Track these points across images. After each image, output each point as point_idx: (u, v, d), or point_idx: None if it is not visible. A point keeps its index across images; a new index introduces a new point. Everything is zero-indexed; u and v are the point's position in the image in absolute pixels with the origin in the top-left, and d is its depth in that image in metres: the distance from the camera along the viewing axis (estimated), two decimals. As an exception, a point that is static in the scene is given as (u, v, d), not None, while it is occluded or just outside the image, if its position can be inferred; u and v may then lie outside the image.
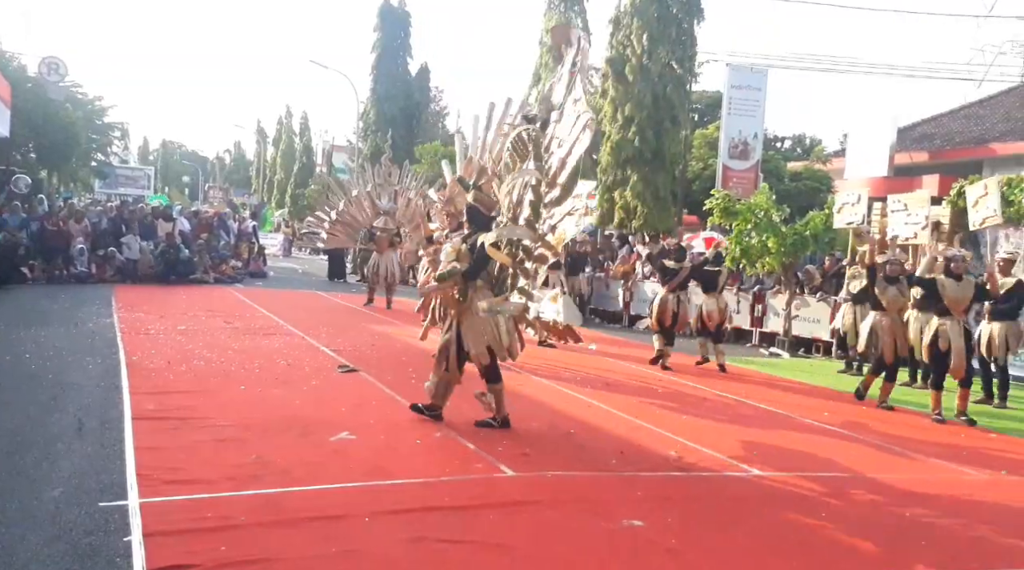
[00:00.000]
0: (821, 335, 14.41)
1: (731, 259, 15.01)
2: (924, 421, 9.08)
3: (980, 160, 20.91)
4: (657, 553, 4.43)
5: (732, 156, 22.94)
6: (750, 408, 9.07)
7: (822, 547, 4.75)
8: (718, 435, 7.42)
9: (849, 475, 6.41)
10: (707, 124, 29.00)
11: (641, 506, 5.18)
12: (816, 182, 24.70)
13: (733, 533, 4.89)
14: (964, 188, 12.82)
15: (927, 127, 25.04)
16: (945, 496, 6.03)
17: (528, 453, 6.23)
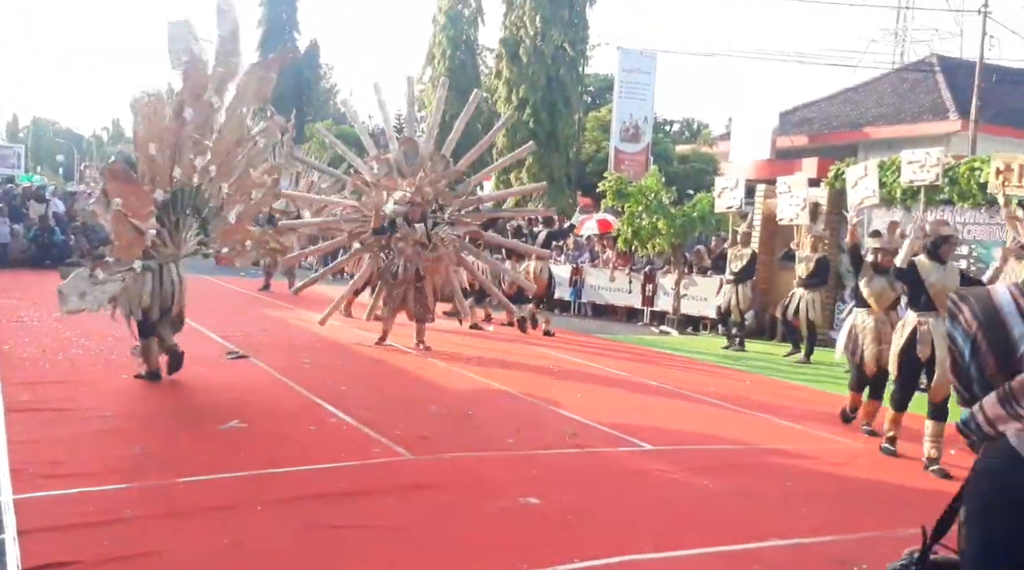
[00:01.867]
0: (708, 313, 14.90)
1: (623, 240, 15.34)
2: (805, 392, 9.53)
3: (855, 143, 21.97)
4: (553, 529, 4.49)
5: (624, 139, 23.37)
6: (642, 385, 9.30)
7: (713, 517, 4.92)
8: (612, 412, 7.57)
9: (736, 447, 6.66)
10: (599, 107, 29.43)
11: (537, 484, 5.24)
12: (703, 165, 25.47)
13: (625, 505, 5.01)
14: (843, 170, 13.45)
15: (807, 111, 26.10)
16: (825, 464, 6.34)
17: (426, 436, 6.20)
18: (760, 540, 4.50)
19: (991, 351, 1.45)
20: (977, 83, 19.87)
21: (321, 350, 9.95)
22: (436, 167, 11.02)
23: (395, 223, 10.35)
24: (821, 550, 4.47)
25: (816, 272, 11.98)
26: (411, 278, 10.31)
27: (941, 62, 24.56)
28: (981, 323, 1.47)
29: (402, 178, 10.96)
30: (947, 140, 20.10)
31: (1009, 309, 1.45)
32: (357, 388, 7.84)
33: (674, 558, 4.20)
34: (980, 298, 1.49)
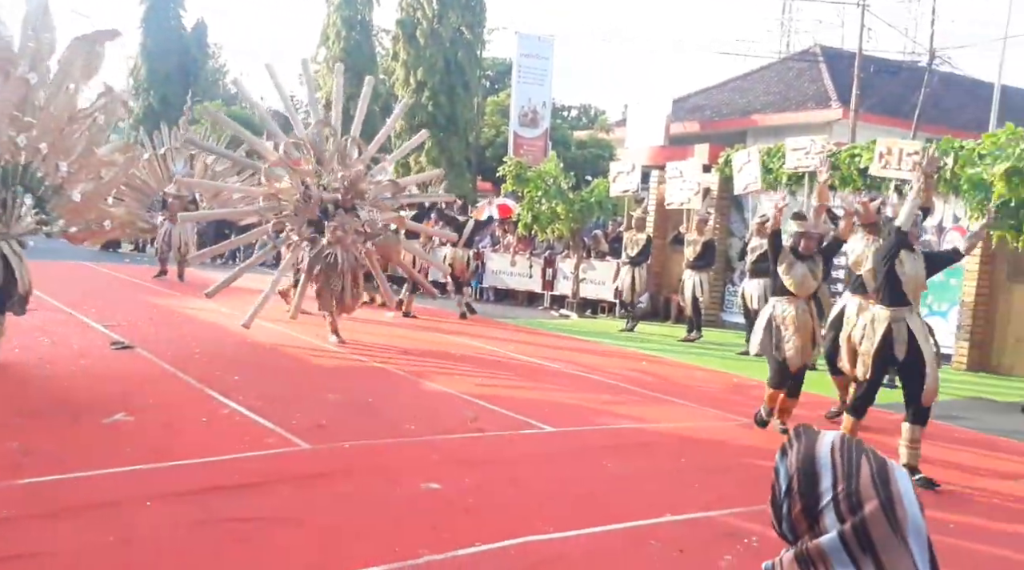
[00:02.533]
0: (607, 296, 15.16)
1: (524, 225, 15.43)
2: (697, 372, 9.82)
3: (744, 130, 22.69)
4: (454, 513, 4.48)
5: (523, 124, 23.44)
6: (543, 368, 9.39)
7: (611, 496, 5.01)
8: (513, 395, 7.62)
9: (634, 426, 6.80)
10: (498, 91, 29.44)
11: (439, 469, 5.22)
12: (600, 150, 25.84)
13: (527, 487, 5.05)
14: (731, 156, 13.89)
15: (699, 99, 26.78)
16: (718, 441, 6.54)
17: (324, 424, 6.08)
18: (656, 516, 4.61)
19: (800, 497, 1.51)
20: (857, 73, 20.79)
21: (212, 339, 9.63)
22: (351, 152, 10.52)
23: (327, 211, 9.85)
24: (714, 524, 4.62)
25: (703, 254, 12.34)
26: (349, 268, 9.79)
27: (824, 52, 25.57)
28: (799, 469, 1.53)
29: (319, 163, 10.36)
30: (830, 128, 20.98)
31: (824, 461, 1.51)
32: (251, 377, 7.62)
33: (573, 537, 4.25)
34: (808, 442, 1.55)
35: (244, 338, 9.80)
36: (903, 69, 24.05)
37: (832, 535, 1.45)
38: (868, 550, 1.42)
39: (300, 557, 3.82)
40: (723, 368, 10.19)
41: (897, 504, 1.43)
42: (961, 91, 24.98)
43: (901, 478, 1.47)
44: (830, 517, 1.46)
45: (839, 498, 1.45)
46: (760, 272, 11.34)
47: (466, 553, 3.92)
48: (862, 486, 1.44)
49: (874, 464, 1.47)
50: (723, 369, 10.12)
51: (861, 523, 1.42)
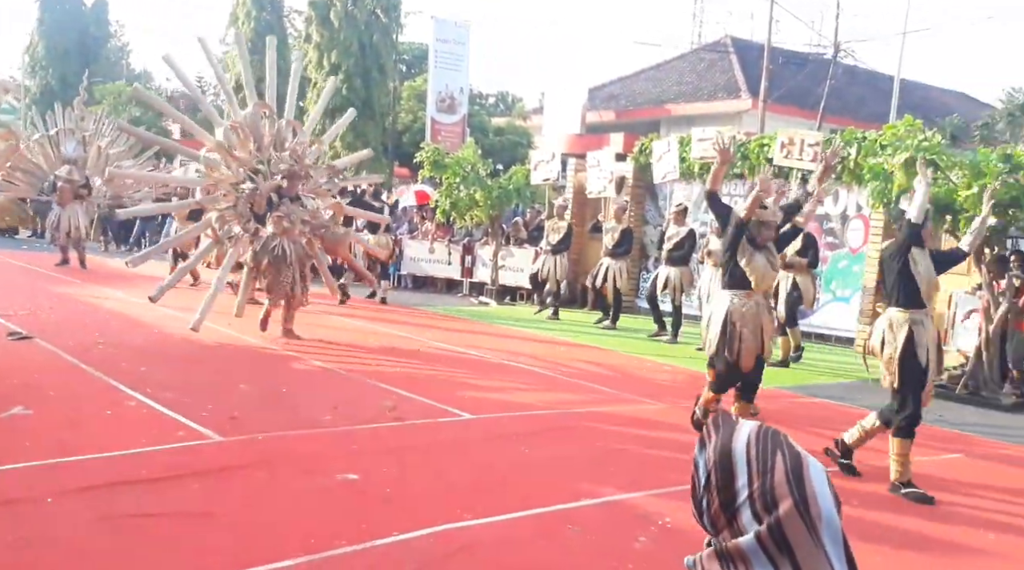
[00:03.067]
0: (526, 284, 15.23)
1: (442, 212, 15.34)
2: (615, 357, 9.97)
3: (658, 120, 23.09)
4: (373, 503, 4.44)
5: (440, 110, 23.29)
6: (462, 355, 9.37)
7: (529, 482, 5.04)
8: (432, 383, 7.59)
9: (552, 412, 6.86)
10: (415, 76, 29.15)
11: (357, 459, 5.16)
12: (518, 137, 25.89)
13: (445, 476, 5.04)
14: (648, 145, 14.10)
15: (614, 88, 27.11)
16: (633, 425, 6.66)
17: (236, 416, 5.94)
18: (573, 501, 4.67)
19: (717, 493, 1.51)
20: (766, 65, 21.36)
21: (117, 329, 9.28)
22: (285, 134, 9.94)
23: (272, 201, 9.32)
24: (628, 506, 4.70)
25: (621, 242, 12.51)
26: (298, 261, 9.25)
27: (735, 44, 26.20)
28: (716, 463, 1.53)
29: (258, 149, 9.70)
30: (739, 118, 21.55)
31: (740, 457, 1.51)
32: (158, 368, 7.38)
33: (491, 523, 4.26)
34: (725, 435, 1.55)
35: (152, 328, 9.49)
36: (809, 61, 24.83)
37: (749, 537, 1.45)
38: (785, 550, 1.42)
39: (213, 553, 3.73)
40: (639, 353, 10.37)
41: (811, 503, 1.43)
42: (863, 84, 25.97)
43: (816, 475, 1.47)
44: (746, 515, 1.47)
45: (754, 496, 1.45)
46: (676, 260, 11.59)
47: (384, 543, 3.90)
48: (776, 484, 1.44)
49: (789, 460, 1.47)
50: (639, 354, 10.31)
51: (776, 523, 1.42)
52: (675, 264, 11.55)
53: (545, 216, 14.32)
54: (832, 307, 12.17)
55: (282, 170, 9.43)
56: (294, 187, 9.42)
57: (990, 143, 11.56)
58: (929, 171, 5.51)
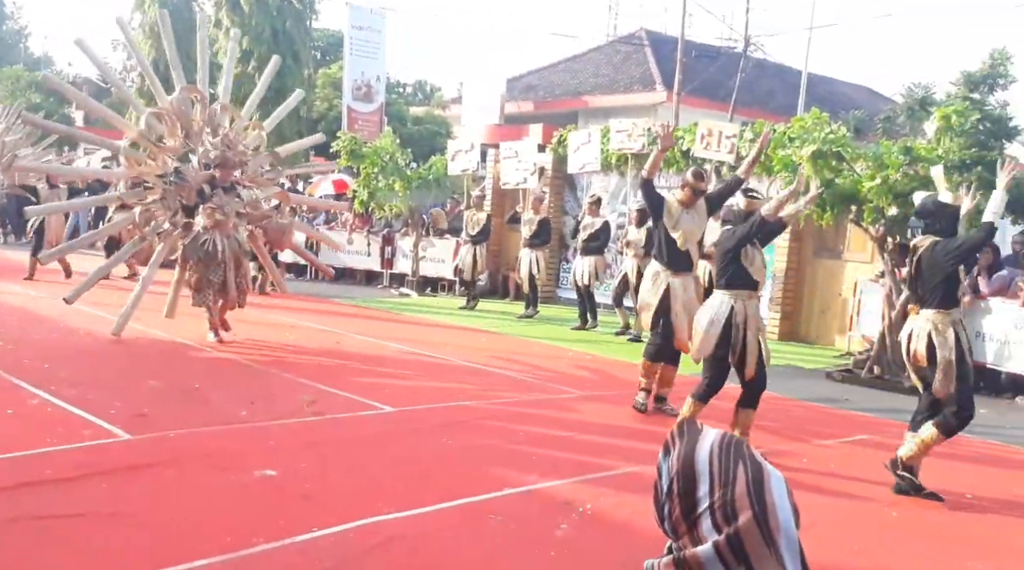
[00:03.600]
0: (446, 274, 15.17)
1: (360, 202, 15.14)
2: (535, 347, 10.02)
3: (576, 111, 23.26)
4: (291, 500, 4.35)
5: (356, 98, 22.96)
6: (383, 347, 9.28)
7: (452, 473, 5.02)
8: (352, 376, 7.49)
9: (474, 403, 6.86)
10: (330, 63, 28.62)
11: (274, 455, 5.05)
12: (437, 127, 25.70)
13: (366, 470, 4.98)
14: (566, 136, 14.19)
15: (532, 78, 27.20)
16: (556, 412, 6.71)
17: (146, 413, 5.74)
18: (495, 490, 4.68)
19: (679, 500, 1.52)
20: (679, 58, 21.74)
21: (17, 325, 8.87)
22: (220, 120, 9.14)
23: (203, 192, 8.54)
24: (550, 494, 4.73)
25: (539, 233, 12.57)
26: (232, 257, 8.47)
27: (649, 36, 26.58)
28: (679, 471, 1.53)
29: (187, 137, 8.92)
30: (655, 110, 21.88)
31: (703, 467, 1.52)
32: (63, 365, 7.08)
33: (414, 516, 4.23)
34: (689, 443, 1.55)
35: (55, 323, 9.09)
36: (721, 55, 25.38)
37: (708, 546, 1.46)
38: (742, 561, 1.44)
39: (123, 554, 3.59)
40: (559, 343, 10.45)
41: (771, 515, 1.44)
42: (772, 77, 26.71)
43: (776, 486, 1.48)
44: (707, 524, 1.48)
45: (715, 506, 1.46)
46: (592, 250, 11.72)
47: (304, 539, 3.83)
48: (737, 495, 1.45)
49: (750, 472, 1.48)
50: (559, 344, 10.39)
51: (735, 534, 1.44)
52: (590, 254, 11.69)
53: (465, 207, 14.28)
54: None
55: (214, 158, 8.71)
56: (227, 176, 8.64)
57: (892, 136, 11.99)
58: (1007, 175, 5.16)
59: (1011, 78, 10.31)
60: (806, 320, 12.02)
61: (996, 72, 9.92)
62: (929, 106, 9.79)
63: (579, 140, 13.69)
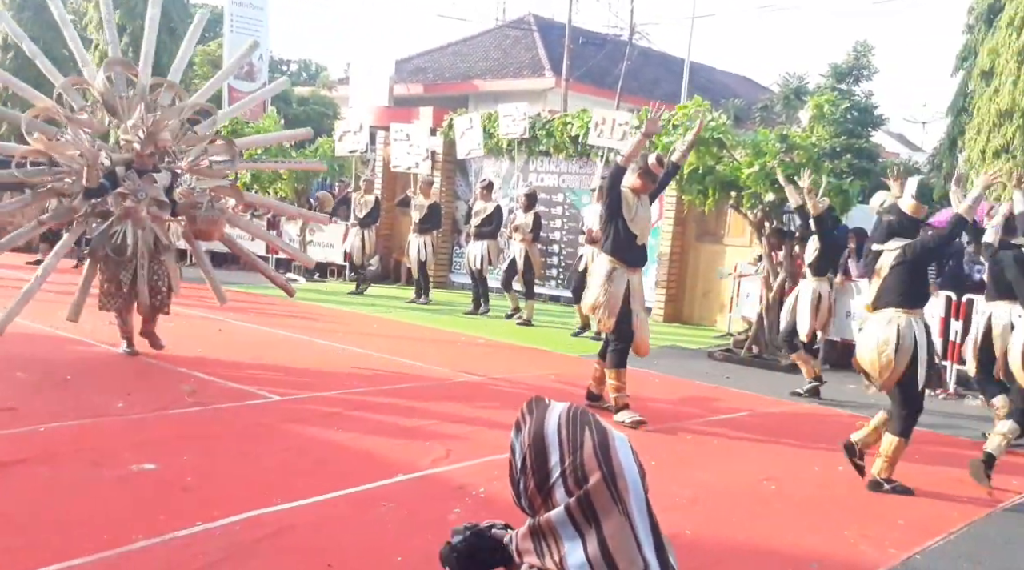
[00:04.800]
0: (335, 259, 14.90)
1: (242, 185, 14.66)
2: (427, 332, 9.99)
3: (466, 95, 23.20)
4: (172, 493, 4.19)
5: (238, 77, 22.14)
6: (269, 334, 9.05)
7: (342, 462, 4.95)
8: (237, 365, 7.27)
9: (361, 390, 6.77)
10: (209, 41, 27.51)
11: (153, 448, 4.85)
12: (323, 108, 25.14)
13: (253, 460, 4.85)
14: (453, 120, 14.14)
15: (421, 61, 26.94)
16: (447, 399, 6.70)
17: (14, 407, 5.42)
18: (388, 477, 4.64)
19: (533, 474, 1.57)
20: (567, 44, 21.98)
21: None
22: (163, 101, 7.73)
23: (116, 175, 7.28)
24: (443, 479, 4.73)
25: (429, 217, 12.52)
26: (146, 253, 7.32)
27: (537, 22, 26.73)
28: (530, 446, 1.58)
29: (112, 114, 7.61)
30: (544, 96, 22.08)
31: (552, 438, 1.57)
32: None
33: (303, 506, 4.15)
34: (539, 418, 1.60)
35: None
36: (607, 42, 25.80)
37: (560, 510, 1.51)
38: (592, 521, 1.48)
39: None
40: (452, 327, 10.45)
41: (618, 475, 1.50)
42: (657, 65, 27.35)
43: (622, 448, 1.55)
44: (560, 492, 1.52)
45: (566, 473, 1.51)
46: (484, 235, 11.74)
47: (187, 533, 3.70)
48: (586, 459, 1.51)
49: (596, 436, 1.54)
50: (452, 328, 10.38)
51: (585, 496, 1.49)
52: (484, 238, 11.72)
53: (352, 189, 14.04)
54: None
55: (136, 139, 7.45)
56: (145, 158, 7.42)
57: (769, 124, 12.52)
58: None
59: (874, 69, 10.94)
60: (689, 302, 12.42)
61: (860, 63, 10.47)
62: (803, 96, 10.27)
63: (463, 126, 13.67)
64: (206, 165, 7.93)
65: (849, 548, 4.19)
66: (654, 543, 1.52)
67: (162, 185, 7.31)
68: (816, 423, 6.95)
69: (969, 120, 13.63)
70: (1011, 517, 4.90)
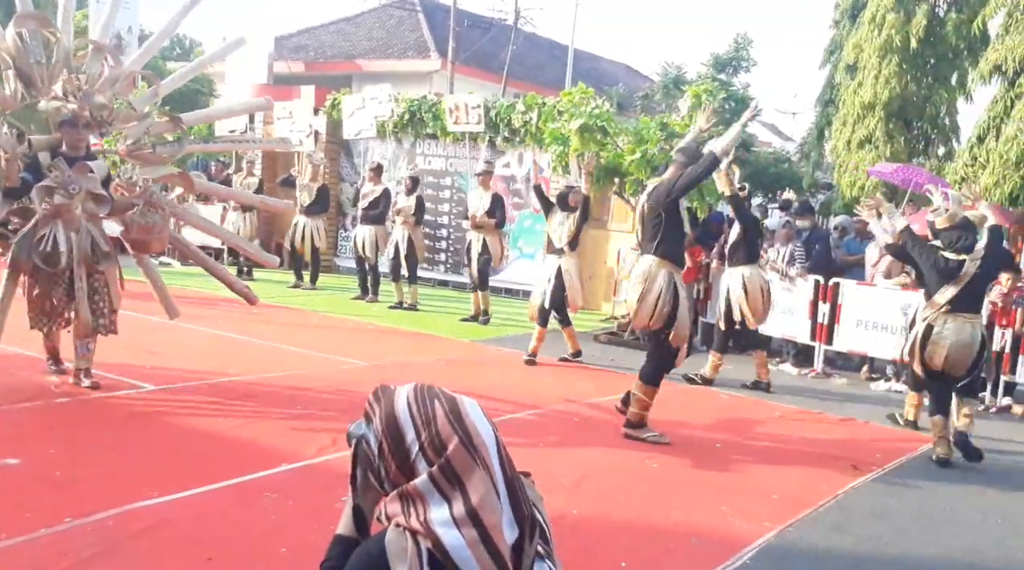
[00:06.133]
0: (212, 242, 14.34)
1: (113, 165, 13.92)
2: (314, 317, 9.77)
3: (350, 75, 22.72)
4: (39, 489, 3.96)
5: (106, 50, 21.00)
6: (142, 321, 8.63)
7: (223, 452, 4.79)
8: (107, 353, 6.90)
9: (245, 378, 6.57)
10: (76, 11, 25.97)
11: (16, 443, 4.57)
12: (198, 85, 24.09)
13: (127, 454, 4.63)
14: (340, 100, 13.85)
15: (302, 38, 26.20)
16: (334, 385, 6.58)
17: None
18: (271, 467, 4.53)
19: (392, 456, 1.61)
20: (453, 26, 21.84)
21: None
22: (91, 68, 6.19)
23: (38, 164, 5.68)
24: (329, 468, 4.66)
25: (318, 200, 12.24)
26: (83, 264, 5.74)
27: (422, 3, 26.44)
28: (384, 431, 1.62)
29: (25, 85, 5.92)
30: (430, 78, 21.87)
31: (404, 417, 1.63)
32: None
33: (181, 499, 4.00)
34: (387, 403, 1.65)
35: None
36: (493, 26, 25.80)
37: (424, 476, 1.56)
38: (456, 483, 1.54)
39: None
40: (337, 313, 10.26)
41: (474, 435, 1.57)
42: (543, 50, 27.56)
43: (472, 409, 1.62)
44: (422, 465, 1.58)
45: (424, 446, 1.56)
46: (371, 218, 11.53)
47: (55, 531, 3.50)
48: (440, 428, 1.57)
49: (446, 404, 1.60)
50: (337, 314, 10.20)
51: (446, 462, 1.55)
52: (371, 222, 11.53)
53: (233, 170, 13.55)
54: (519, 264, 12.91)
55: (61, 114, 5.82)
56: (76, 140, 5.81)
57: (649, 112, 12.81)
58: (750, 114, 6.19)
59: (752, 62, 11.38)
60: (574, 286, 12.59)
61: (740, 55, 10.85)
62: (682, 85, 10.55)
63: (353, 105, 13.42)
64: (149, 150, 6.33)
65: (726, 522, 4.37)
66: (508, 494, 1.57)
67: (99, 175, 5.76)
68: (697, 402, 7.21)
69: (835, 112, 14.37)
70: (875, 487, 5.22)
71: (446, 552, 1.51)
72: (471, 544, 1.51)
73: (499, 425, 1.69)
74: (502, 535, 1.54)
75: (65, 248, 5.53)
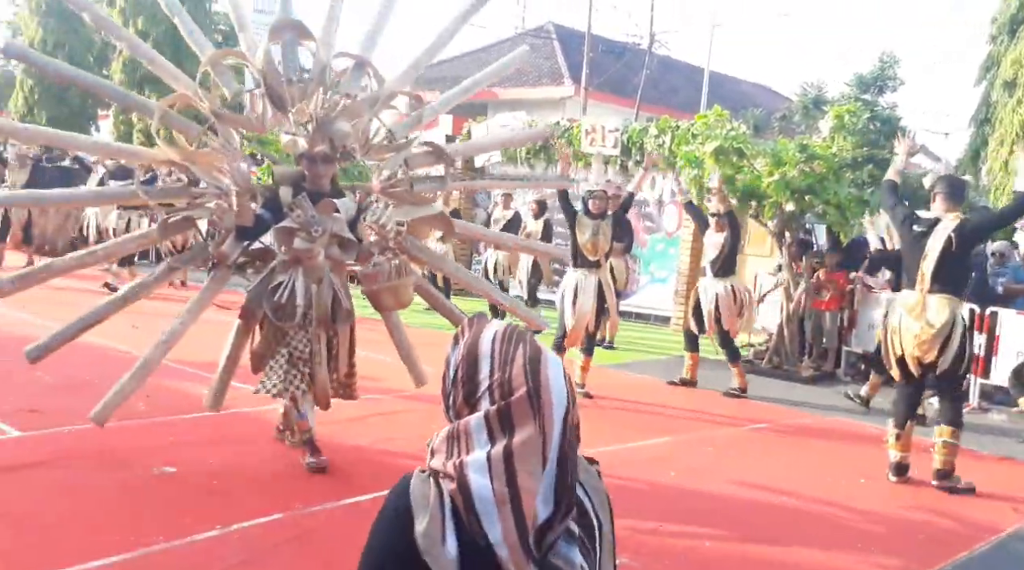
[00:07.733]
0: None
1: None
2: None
3: (485, 103, 23.25)
4: (196, 496, 4.21)
5: (260, 84, 22.35)
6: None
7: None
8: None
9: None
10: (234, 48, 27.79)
11: (175, 451, 4.90)
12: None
13: (279, 464, 4.84)
14: (471, 128, 14.18)
15: (441, 68, 26.93)
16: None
17: (39, 410, 5.47)
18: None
19: (462, 385, 1.59)
20: (587, 53, 21.99)
21: None
22: (351, 86, 5.14)
23: (278, 200, 4.84)
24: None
25: None
26: (327, 318, 4.80)
27: (557, 30, 26.77)
28: (463, 357, 1.61)
29: (275, 106, 5.06)
30: (563, 104, 22.09)
31: (486, 351, 1.60)
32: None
33: (321, 511, 4.15)
34: (475, 333, 1.63)
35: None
36: (627, 51, 25.80)
37: (479, 415, 1.53)
38: (507, 430, 1.51)
39: (13, 556, 3.41)
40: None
41: (543, 391, 1.53)
42: (677, 74, 27.31)
43: (553, 368, 1.57)
44: (485, 404, 1.55)
45: (493, 386, 1.54)
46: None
47: (208, 536, 3.71)
48: (514, 375, 1.54)
49: (528, 352, 1.57)
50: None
51: (506, 406, 1.52)
52: (502, 246, 11.70)
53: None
54: (651, 288, 12.78)
55: (301, 133, 5.01)
56: (317, 176, 4.90)
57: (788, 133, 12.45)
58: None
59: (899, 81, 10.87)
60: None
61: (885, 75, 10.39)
62: (822, 105, 10.19)
63: (480, 133, 13.73)
64: (406, 186, 5.15)
65: (870, 559, 4.15)
66: (556, 467, 1.51)
67: (347, 216, 4.81)
68: (840, 436, 6.90)
69: (992, 131, 13.54)
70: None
71: (470, 494, 1.46)
72: (499, 501, 1.46)
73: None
74: (533, 504, 1.47)
75: (302, 301, 4.62)
